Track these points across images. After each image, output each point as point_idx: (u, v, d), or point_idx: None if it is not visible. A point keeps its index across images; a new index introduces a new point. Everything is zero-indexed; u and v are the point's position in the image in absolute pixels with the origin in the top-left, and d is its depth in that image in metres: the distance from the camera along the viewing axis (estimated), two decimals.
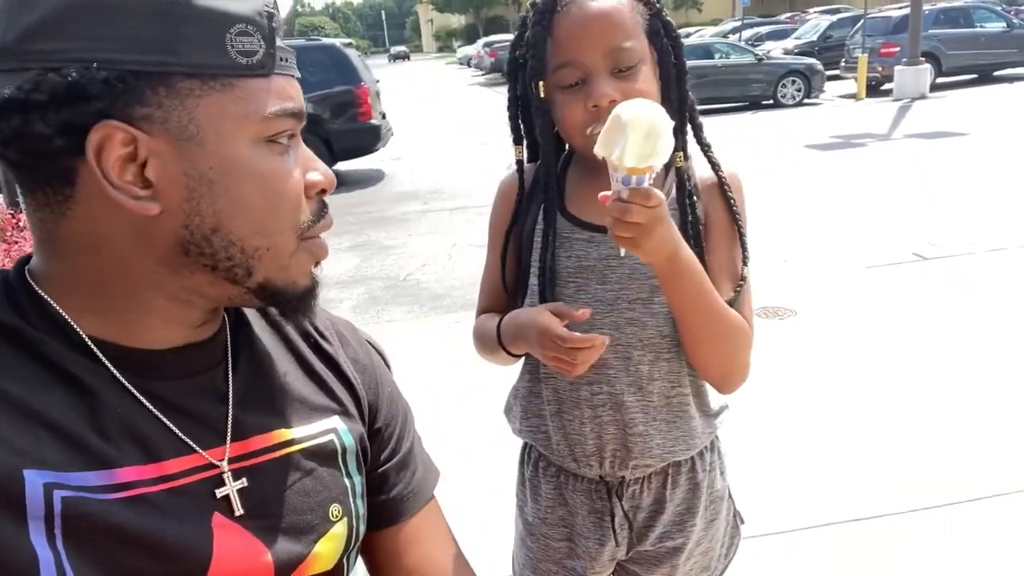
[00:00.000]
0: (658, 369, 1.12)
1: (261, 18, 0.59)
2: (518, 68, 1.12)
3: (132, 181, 0.57)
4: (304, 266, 0.67)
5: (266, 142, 0.61)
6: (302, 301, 0.68)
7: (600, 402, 1.13)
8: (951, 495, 2.53)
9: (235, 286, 0.64)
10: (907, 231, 5.71)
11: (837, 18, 20.92)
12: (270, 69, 0.60)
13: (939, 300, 4.24)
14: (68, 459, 0.56)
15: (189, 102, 0.57)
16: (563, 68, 1.03)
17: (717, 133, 1.17)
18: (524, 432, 1.23)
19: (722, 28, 28.59)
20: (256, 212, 0.61)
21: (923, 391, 3.25)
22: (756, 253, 1.14)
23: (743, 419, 3.11)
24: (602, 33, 1.01)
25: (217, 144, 0.58)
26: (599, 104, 1.00)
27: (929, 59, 13.82)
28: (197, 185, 0.59)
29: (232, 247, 0.61)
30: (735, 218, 1.11)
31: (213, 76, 0.58)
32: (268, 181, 0.62)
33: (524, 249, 1.16)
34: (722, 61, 14.56)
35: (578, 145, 1.07)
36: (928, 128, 10.22)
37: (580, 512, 1.19)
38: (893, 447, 2.85)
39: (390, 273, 5.82)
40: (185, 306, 0.65)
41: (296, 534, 0.68)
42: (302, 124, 0.65)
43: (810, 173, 8.19)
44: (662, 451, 1.14)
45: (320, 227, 0.68)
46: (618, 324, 1.09)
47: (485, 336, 1.18)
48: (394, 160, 11.14)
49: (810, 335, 3.93)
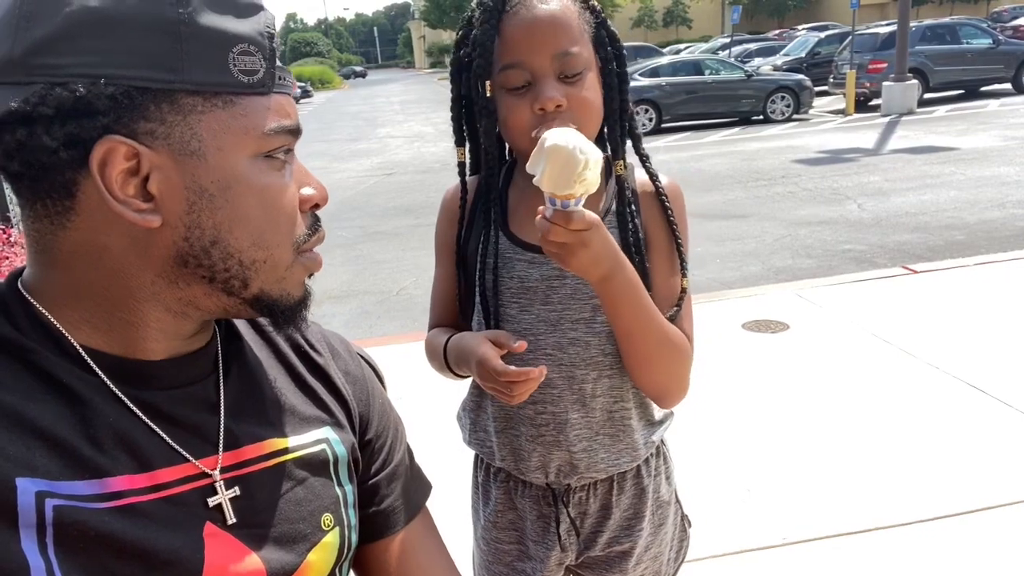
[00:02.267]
0: (601, 386, 1.12)
1: (262, 38, 0.61)
2: (462, 67, 1.11)
3: (134, 195, 0.58)
4: (298, 277, 0.69)
5: (264, 157, 0.63)
6: (294, 312, 0.70)
7: (543, 421, 1.13)
8: (946, 507, 2.53)
9: (231, 297, 0.65)
10: (898, 244, 5.75)
11: (825, 35, 21.18)
12: (270, 87, 0.62)
13: (929, 313, 4.27)
14: (60, 468, 0.56)
15: (192, 118, 0.59)
16: (510, 69, 1.02)
17: (707, 148, 1.18)
18: (473, 443, 1.24)
19: (712, 44, 28.85)
20: (255, 225, 0.63)
21: (914, 404, 3.26)
22: (749, 266, 1.15)
23: (736, 433, 3.12)
24: (551, 37, 1.00)
25: (218, 159, 0.60)
26: (545, 107, 1.00)
27: (917, 75, 14.00)
28: (198, 199, 0.60)
29: (230, 259, 0.63)
30: (673, 230, 1.10)
31: (215, 93, 0.59)
32: (266, 195, 0.63)
33: (469, 265, 1.16)
34: (712, 77, 14.68)
35: (522, 148, 1.04)
36: (916, 143, 10.34)
37: (529, 517, 1.20)
38: (885, 461, 2.85)
39: (382, 288, 5.82)
40: (180, 317, 0.65)
41: (288, 543, 0.68)
42: (298, 140, 0.67)
43: (800, 188, 8.25)
44: (607, 464, 1.15)
45: (314, 240, 0.69)
46: (561, 344, 1.09)
47: (436, 352, 1.18)
48: (386, 175, 11.17)
49: (803, 348, 3.94)
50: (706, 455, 2.91)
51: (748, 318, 4.33)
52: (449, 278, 1.20)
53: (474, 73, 1.05)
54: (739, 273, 5.41)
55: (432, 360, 1.21)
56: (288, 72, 0.66)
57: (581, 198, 0.87)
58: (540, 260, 1.09)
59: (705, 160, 10.50)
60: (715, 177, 9.14)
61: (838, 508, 2.57)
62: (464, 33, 1.11)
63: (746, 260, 5.73)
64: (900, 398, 3.32)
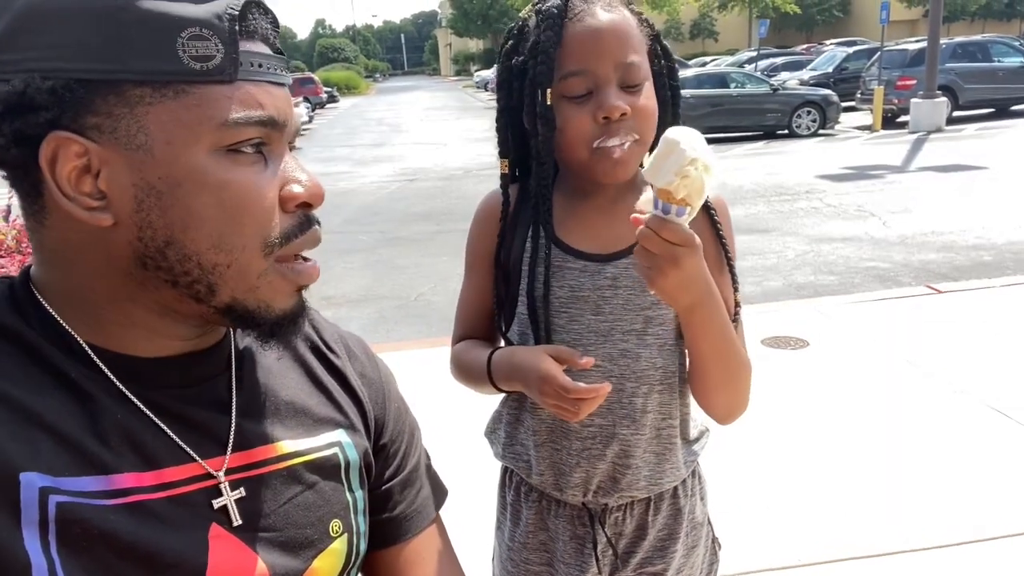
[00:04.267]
0: (652, 401, 1.10)
1: (220, 21, 0.56)
2: (514, 76, 1.07)
3: (89, 192, 0.56)
4: (280, 288, 0.63)
5: (227, 152, 0.58)
6: (279, 327, 0.64)
7: (590, 435, 1.10)
8: (967, 533, 2.48)
9: (200, 304, 0.61)
10: (920, 263, 5.67)
11: (853, 50, 21.04)
12: (232, 75, 0.57)
13: (953, 334, 4.20)
14: (66, 463, 0.56)
15: (139, 110, 0.55)
16: (573, 77, 1.00)
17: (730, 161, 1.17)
18: (507, 458, 1.20)
19: (738, 58, 28.73)
20: (212, 225, 0.58)
21: (935, 427, 3.20)
22: (770, 282, 1.14)
23: (751, 450, 3.08)
24: (615, 45, 0.99)
25: (167, 153, 0.56)
26: (610, 115, 0.98)
27: (946, 92, 13.82)
28: (146, 196, 0.57)
29: (188, 261, 0.59)
30: (724, 246, 1.09)
31: (165, 83, 0.56)
32: (226, 193, 0.58)
33: (512, 275, 1.12)
34: (737, 90, 14.61)
35: (580, 158, 1.02)
36: (944, 161, 10.20)
37: (562, 538, 1.17)
38: (904, 484, 2.80)
39: (401, 293, 5.83)
40: (167, 319, 0.63)
41: (294, 548, 0.67)
42: (283, 133, 0.62)
43: (824, 203, 8.16)
44: (648, 483, 1.13)
45: (299, 244, 0.63)
46: (611, 355, 1.07)
47: (471, 366, 1.13)
48: (408, 181, 11.23)
49: (822, 366, 3.89)
50: (722, 472, 2.86)
51: (768, 334, 4.29)
52: (482, 290, 1.16)
53: (534, 80, 1.01)
54: (760, 288, 5.35)
55: (464, 374, 1.16)
56: (277, 59, 0.62)
57: (686, 209, 0.81)
58: (592, 268, 1.07)
59: (728, 173, 10.43)
60: (738, 191, 9.08)
61: (854, 531, 2.53)
62: (516, 42, 1.08)
63: (767, 275, 5.68)
64: (921, 420, 3.26)
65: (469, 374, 1.15)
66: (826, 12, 51.15)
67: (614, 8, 1.01)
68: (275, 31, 0.63)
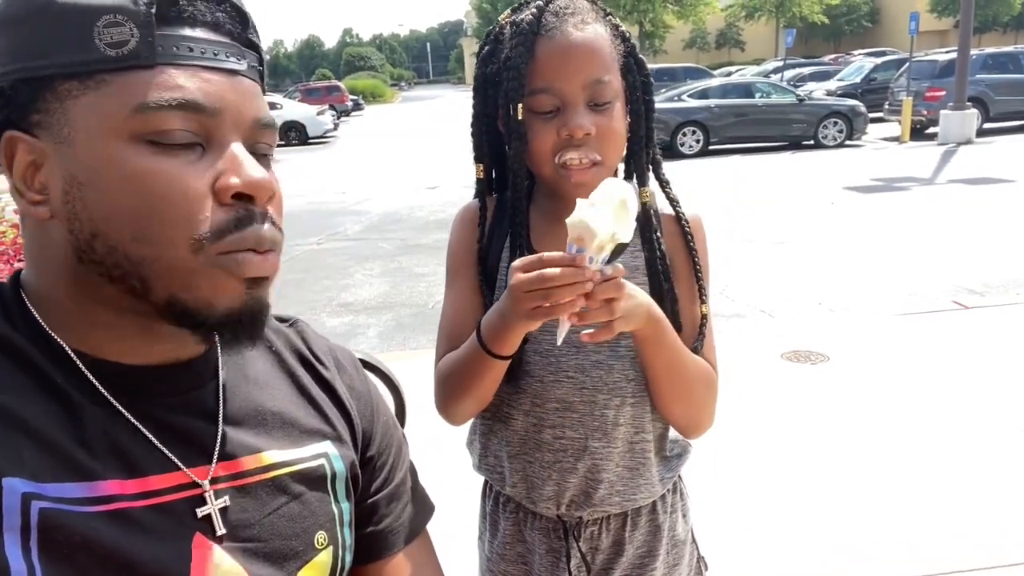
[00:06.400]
0: (623, 414, 1.09)
1: (136, 5, 0.56)
2: (488, 84, 1.08)
3: (37, 188, 0.58)
4: (222, 284, 0.59)
5: (147, 142, 0.56)
6: (232, 328, 0.61)
7: (562, 447, 1.10)
8: (986, 560, 2.40)
9: (139, 301, 0.59)
10: (948, 278, 5.56)
11: (882, 61, 20.80)
12: (151, 59, 0.56)
13: (980, 351, 4.10)
14: (49, 469, 0.55)
15: (68, 103, 0.57)
16: (541, 94, 1.00)
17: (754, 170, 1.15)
18: (482, 469, 1.20)
19: (764, 68, 28.56)
20: (130, 216, 0.56)
21: (959, 446, 3.12)
22: (791, 294, 1.13)
23: (771, 465, 3.02)
24: (584, 64, 0.99)
25: (86, 143, 0.56)
26: (574, 134, 0.98)
27: (976, 104, 13.62)
28: (70, 187, 0.57)
29: (115, 254, 0.57)
30: (694, 259, 1.10)
31: (88, 74, 0.56)
32: (144, 182, 0.56)
33: (487, 284, 1.12)
34: (762, 100, 14.51)
35: (545, 172, 1.04)
36: (974, 173, 10.02)
37: (538, 551, 1.16)
38: (927, 505, 2.73)
39: (418, 300, 5.85)
40: (127, 319, 0.61)
41: (279, 560, 0.66)
42: (220, 120, 0.58)
43: (850, 215, 8.06)
44: (622, 498, 1.12)
45: (235, 241, 0.58)
46: (583, 366, 1.07)
47: (459, 355, 1.05)
48: (429, 189, 11.27)
49: (843, 381, 3.82)
50: (737, 489, 2.82)
51: (788, 348, 4.22)
52: (467, 298, 1.15)
53: (506, 95, 1.02)
54: (781, 301, 5.28)
55: (454, 372, 1.06)
56: (223, 45, 0.59)
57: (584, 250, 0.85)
58: None
59: (752, 183, 10.35)
60: (761, 201, 9.00)
61: (875, 553, 2.47)
62: (491, 50, 1.08)
63: (789, 287, 5.60)
64: (944, 439, 3.19)
65: (458, 366, 1.06)
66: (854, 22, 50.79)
67: (586, 24, 1.01)
68: (233, 18, 0.61)
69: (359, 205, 10.37)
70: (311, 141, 21.07)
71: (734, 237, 7.01)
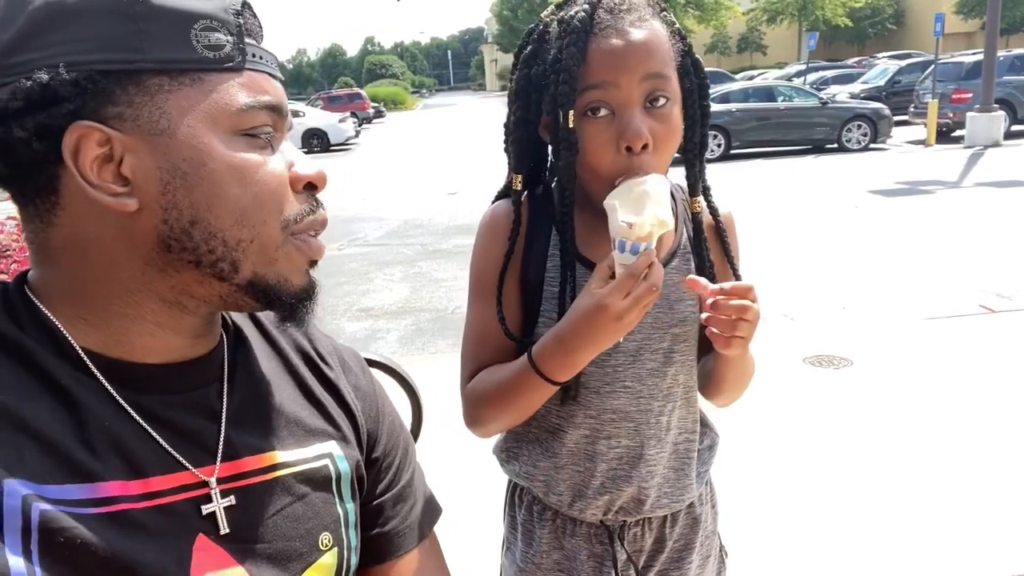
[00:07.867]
0: (674, 418, 1.09)
1: (227, 14, 0.61)
2: (532, 88, 1.00)
3: (111, 180, 0.59)
4: (295, 263, 0.66)
5: (242, 135, 0.62)
6: (299, 302, 0.67)
7: (617, 456, 1.08)
8: (1017, 566, 2.35)
9: (223, 283, 0.63)
10: (975, 282, 5.46)
11: (907, 63, 20.53)
12: (240, 63, 0.62)
13: (1008, 357, 4.02)
14: (50, 470, 0.56)
15: (159, 97, 0.59)
16: (594, 89, 0.92)
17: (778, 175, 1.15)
18: (521, 477, 1.15)
19: (786, 71, 28.31)
20: (235, 202, 0.61)
21: (985, 454, 3.06)
22: (814, 298, 1.14)
23: (793, 469, 2.99)
24: (642, 57, 0.92)
25: (189, 136, 0.59)
26: (632, 146, 0.91)
27: (1003, 106, 13.38)
28: (172, 178, 0.59)
29: (213, 239, 0.61)
30: (731, 261, 1.11)
31: (181, 71, 0.59)
32: (245, 171, 0.62)
33: (532, 296, 1.05)
34: (785, 104, 14.36)
35: (595, 188, 0.96)
36: (1002, 176, 9.84)
37: (579, 557, 1.14)
38: (950, 515, 2.68)
39: (438, 305, 5.85)
40: (177, 310, 0.64)
41: (282, 561, 0.66)
42: (285, 120, 0.66)
43: (874, 219, 7.95)
44: (670, 500, 1.12)
45: (310, 223, 0.67)
46: (640, 375, 1.05)
47: (505, 378, 1.00)
48: (450, 194, 11.30)
49: (866, 386, 3.76)
50: (759, 493, 2.79)
51: (810, 352, 4.17)
52: (502, 314, 1.05)
53: (555, 100, 0.94)
54: (804, 304, 5.22)
55: (497, 395, 1.01)
56: (270, 54, 0.66)
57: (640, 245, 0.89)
58: None
59: (774, 187, 10.25)
60: (784, 204, 8.91)
61: (897, 562, 2.43)
62: (534, 49, 1.00)
63: (812, 291, 5.54)
64: (970, 446, 3.12)
65: (501, 389, 1.01)
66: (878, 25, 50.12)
67: (644, 21, 0.94)
68: (262, 32, 0.67)
69: (380, 211, 10.41)
70: (333, 148, 21.21)
71: (756, 240, 6.94)
